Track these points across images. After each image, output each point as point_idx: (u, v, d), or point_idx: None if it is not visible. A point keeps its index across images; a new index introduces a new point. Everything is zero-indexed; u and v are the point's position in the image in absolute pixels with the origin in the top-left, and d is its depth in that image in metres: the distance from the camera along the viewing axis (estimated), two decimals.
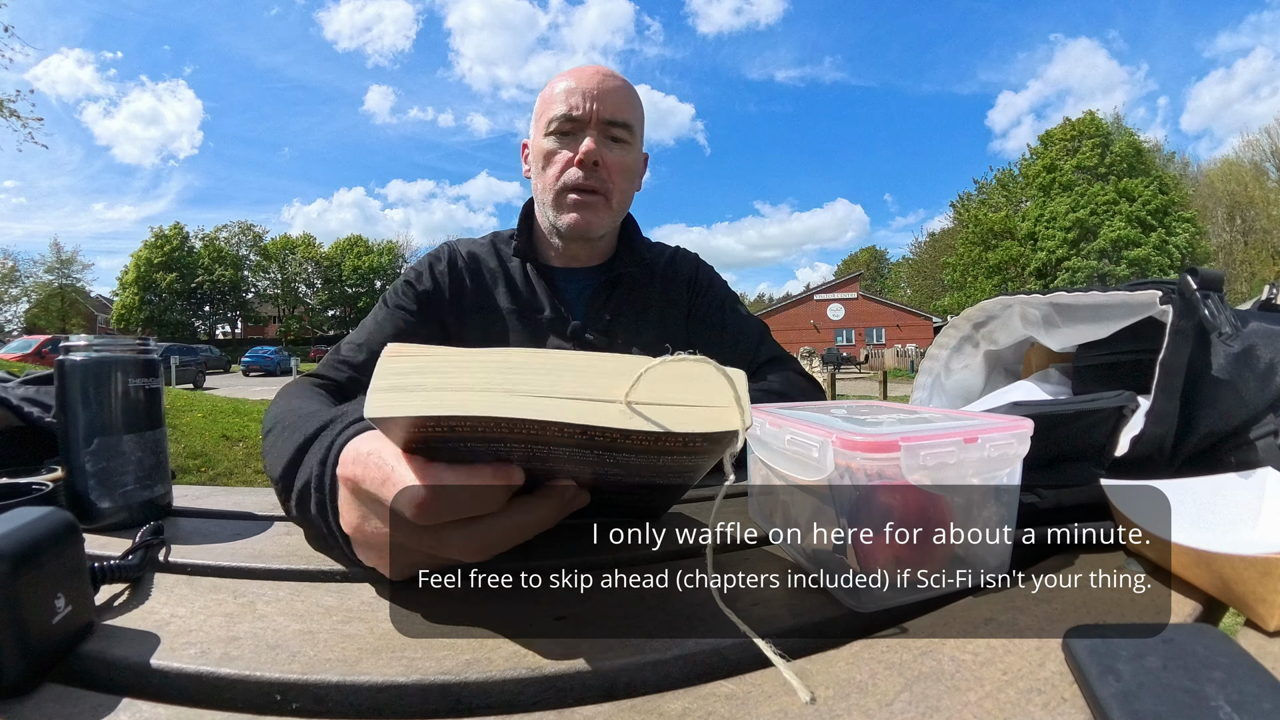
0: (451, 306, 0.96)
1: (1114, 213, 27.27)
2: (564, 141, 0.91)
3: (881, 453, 0.36)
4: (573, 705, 0.29)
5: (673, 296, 1.03)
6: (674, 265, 1.06)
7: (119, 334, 17.93)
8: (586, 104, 0.90)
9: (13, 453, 0.69)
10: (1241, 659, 0.28)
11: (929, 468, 0.38)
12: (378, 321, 0.94)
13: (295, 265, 43.12)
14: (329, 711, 0.30)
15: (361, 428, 0.40)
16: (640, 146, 0.99)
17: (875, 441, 0.36)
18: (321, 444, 0.43)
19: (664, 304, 1.02)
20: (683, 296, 1.04)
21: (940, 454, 0.38)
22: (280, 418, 0.56)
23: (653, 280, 1.03)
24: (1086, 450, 0.52)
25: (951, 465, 0.38)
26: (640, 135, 0.98)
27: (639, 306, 1.00)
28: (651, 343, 0.98)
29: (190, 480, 4.40)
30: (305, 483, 0.43)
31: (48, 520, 0.33)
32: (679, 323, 1.03)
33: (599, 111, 0.90)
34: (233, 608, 0.38)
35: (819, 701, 0.28)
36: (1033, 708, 0.28)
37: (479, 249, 1.01)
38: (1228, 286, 0.52)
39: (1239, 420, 0.53)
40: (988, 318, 0.79)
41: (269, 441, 0.54)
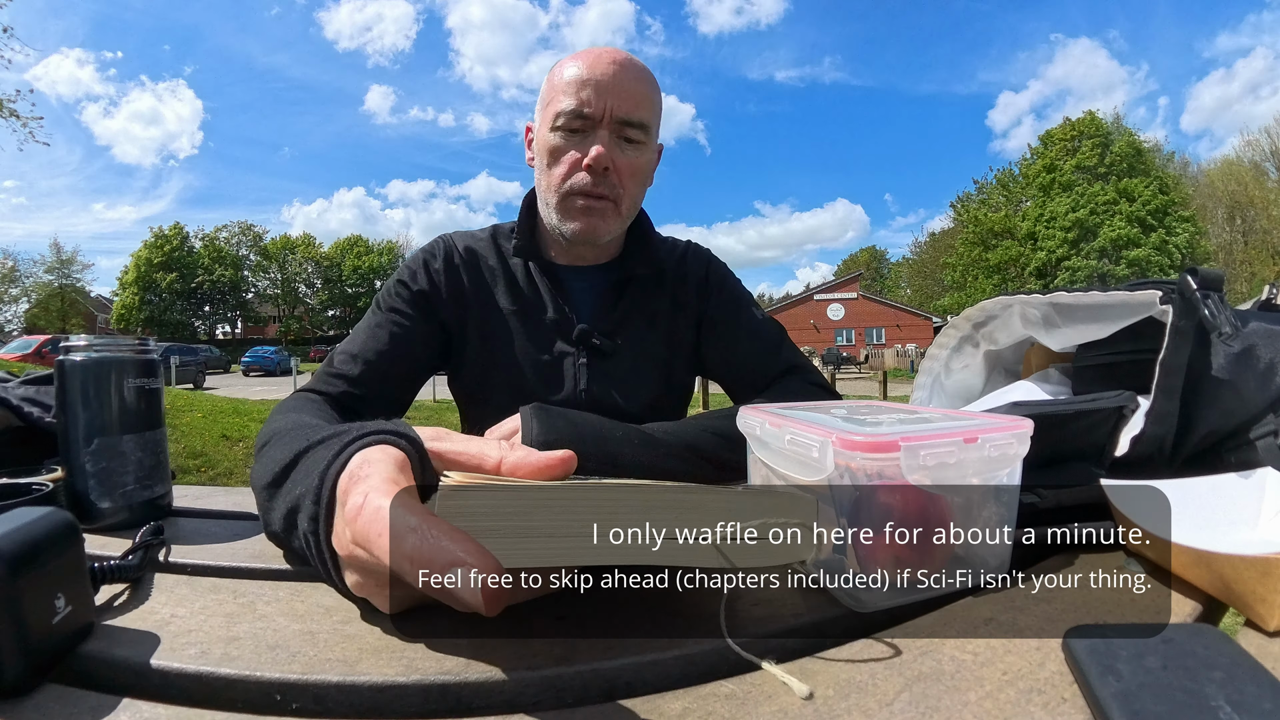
0: (449, 306, 0.89)
1: (1114, 213, 27.28)
2: (572, 140, 0.83)
3: (882, 453, 0.36)
4: (573, 705, 0.29)
5: (682, 300, 0.96)
6: (684, 265, 0.98)
7: (119, 334, 17.93)
8: (600, 100, 0.81)
9: (13, 453, 0.69)
10: (1241, 659, 0.28)
11: (929, 468, 0.38)
12: (371, 328, 0.86)
13: (295, 265, 43.13)
14: (329, 711, 0.30)
15: (371, 440, 0.38)
16: (655, 142, 0.90)
17: (875, 442, 0.36)
18: (326, 452, 0.39)
19: (673, 308, 0.96)
20: (692, 300, 0.96)
21: (940, 454, 0.38)
22: (276, 430, 0.52)
23: (663, 282, 0.96)
24: (1086, 450, 0.52)
25: (952, 465, 0.38)
26: (656, 131, 0.89)
27: (648, 311, 0.94)
28: (658, 349, 0.93)
29: (190, 480, 4.40)
30: (299, 494, 0.39)
31: (48, 520, 0.33)
32: (689, 329, 0.96)
33: (613, 109, 0.81)
34: (233, 608, 0.38)
35: (819, 701, 0.28)
36: (1033, 708, 0.28)
37: (477, 244, 0.93)
38: (1228, 286, 0.52)
39: (1239, 420, 0.53)
40: (988, 318, 0.79)
41: (262, 454, 0.50)
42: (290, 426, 0.53)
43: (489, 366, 0.90)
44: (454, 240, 0.94)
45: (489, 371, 0.90)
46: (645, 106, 0.84)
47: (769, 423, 0.48)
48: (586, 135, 0.82)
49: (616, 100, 0.81)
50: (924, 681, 0.30)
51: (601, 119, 0.82)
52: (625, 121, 0.82)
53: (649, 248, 0.95)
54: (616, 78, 0.82)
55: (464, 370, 0.92)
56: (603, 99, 0.81)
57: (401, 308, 0.88)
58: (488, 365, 0.90)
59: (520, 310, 0.90)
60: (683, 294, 0.96)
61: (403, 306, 0.88)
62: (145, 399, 0.56)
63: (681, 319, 0.96)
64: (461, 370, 0.92)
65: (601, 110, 0.81)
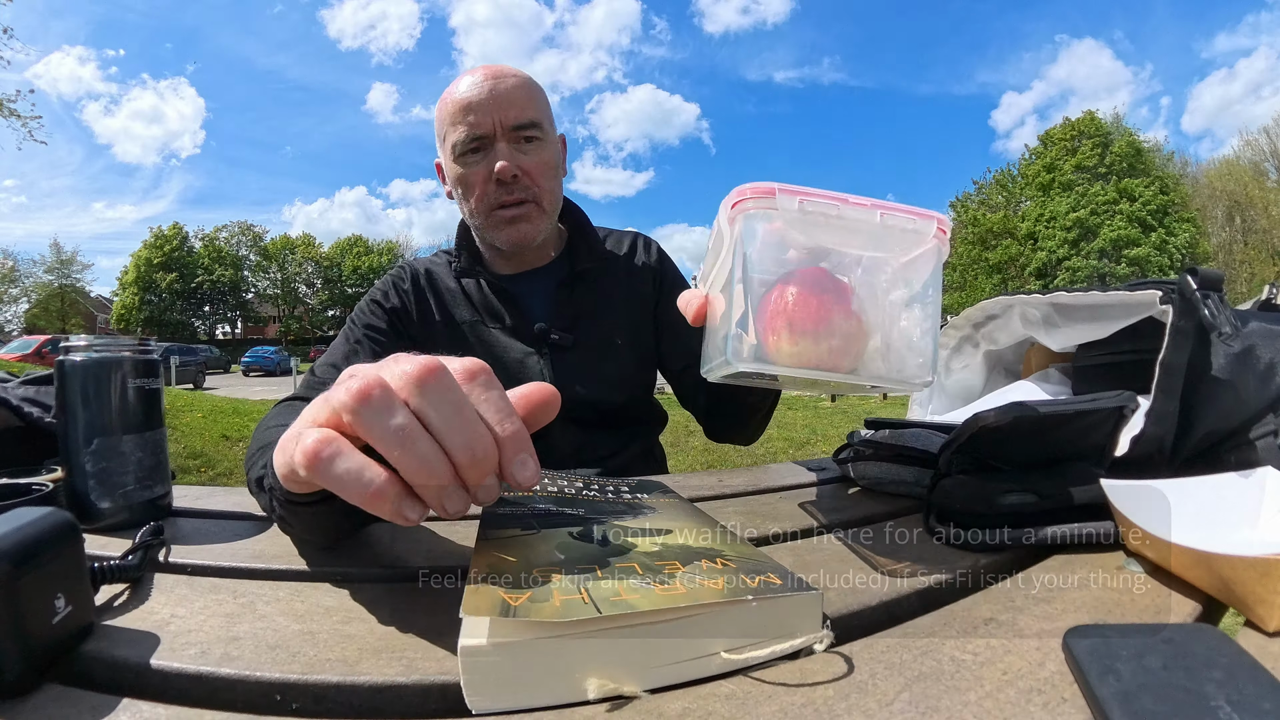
0: (419, 324, 0.95)
1: (1114, 213, 27.28)
2: (475, 162, 0.87)
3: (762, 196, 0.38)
4: (572, 705, 0.29)
5: (637, 286, 1.01)
6: (635, 253, 1.04)
7: (119, 334, 17.92)
8: (486, 118, 0.85)
9: (13, 453, 0.69)
10: (1241, 659, 0.28)
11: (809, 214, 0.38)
12: (350, 344, 0.91)
13: (295, 265, 43.14)
14: (329, 711, 0.30)
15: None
16: (554, 134, 0.94)
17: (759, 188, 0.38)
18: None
19: (628, 295, 1.00)
20: (649, 287, 1.02)
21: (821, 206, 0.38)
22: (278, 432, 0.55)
23: (615, 271, 1.01)
24: (1086, 450, 0.52)
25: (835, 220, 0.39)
26: (552, 124, 0.93)
27: (602, 301, 0.98)
28: (617, 334, 0.96)
29: (190, 480, 4.40)
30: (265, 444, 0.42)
31: (48, 520, 0.33)
32: (645, 315, 1.01)
33: (501, 121, 0.85)
34: (233, 608, 0.38)
35: (819, 701, 0.28)
36: (1033, 708, 0.28)
37: (435, 266, 1.00)
38: (1227, 286, 0.52)
39: (1239, 420, 0.53)
40: (988, 318, 0.79)
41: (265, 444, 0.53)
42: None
43: None
44: (417, 264, 1.01)
45: None
46: (530, 106, 0.88)
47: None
48: (486, 153, 0.87)
49: (501, 112, 0.85)
50: (924, 681, 0.30)
51: (494, 134, 0.86)
52: (516, 127, 0.86)
53: (590, 241, 1.00)
54: (494, 92, 0.85)
55: None
56: (488, 115, 0.85)
57: (376, 324, 0.93)
58: None
59: (480, 321, 0.95)
60: (637, 280, 1.01)
61: (377, 323, 0.93)
62: (145, 399, 0.56)
63: (637, 303, 1.01)
64: None
65: (490, 126, 0.85)
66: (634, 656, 0.29)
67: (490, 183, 0.86)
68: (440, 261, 1.00)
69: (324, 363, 0.89)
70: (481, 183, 0.87)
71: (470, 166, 0.87)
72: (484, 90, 0.85)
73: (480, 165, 0.86)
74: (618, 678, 0.29)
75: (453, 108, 0.86)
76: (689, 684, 0.30)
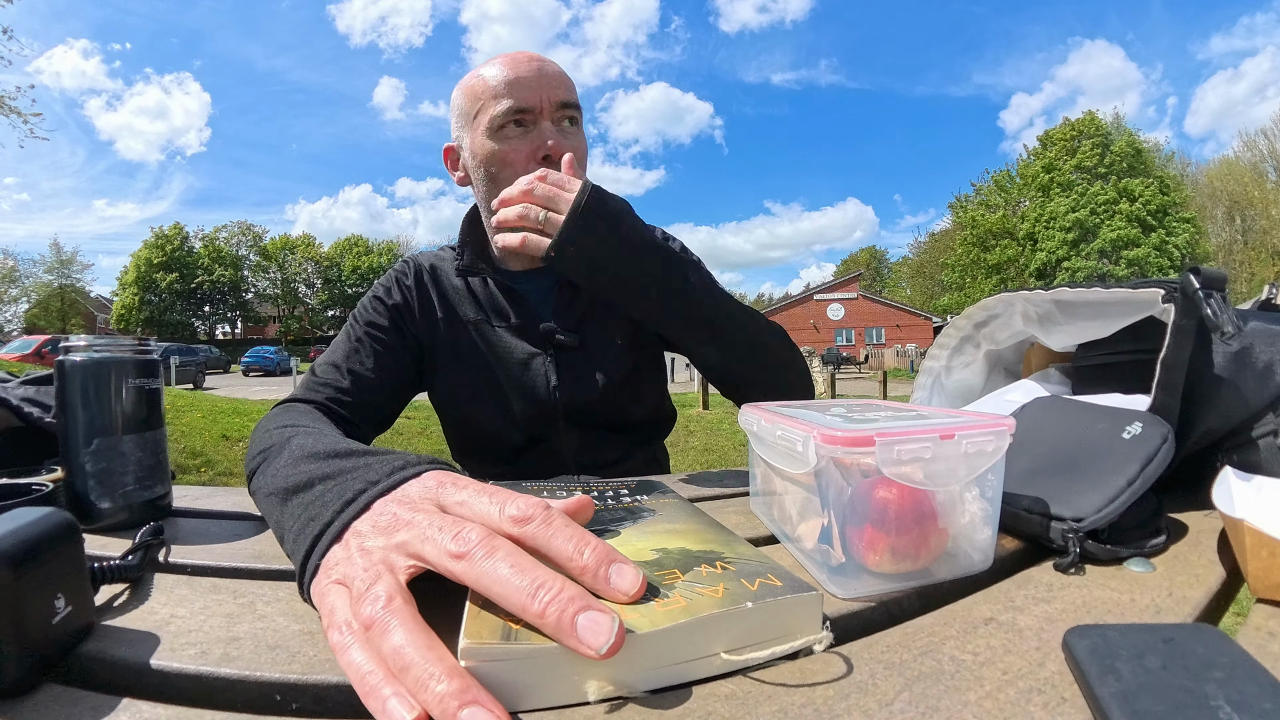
0: (421, 322, 0.93)
1: (1114, 213, 27.28)
2: (517, 136, 0.81)
3: (859, 447, 0.38)
4: (572, 705, 0.29)
5: None
6: None
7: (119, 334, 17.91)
8: (536, 92, 0.81)
9: (13, 453, 0.69)
10: (1241, 659, 0.28)
11: (904, 462, 0.38)
12: (351, 342, 0.89)
13: (295, 265, 43.14)
14: (329, 711, 0.30)
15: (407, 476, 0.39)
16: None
17: (853, 436, 0.38)
18: (382, 467, 0.41)
19: None
20: None
21: (915, 449, 0.38)
22: (286, 433, 0.55)
23: None
24: None
25: (927, 460, 0.39)
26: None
27: (606, 301, 0.94)
28: (621, 334, 0.94)
29: (190, 480, 4.40)
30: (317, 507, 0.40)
31: (48, 521, 0.33)
32: None
33: (551, 97, 0.81)
34: (233, 608, 0.38)
35: (819, 701, 0.28)
36: (1033, 708, 0.28)
37: (440, 262, 0.97)
38: (1228, 286, 0.52)
39: (1238, 419, 0.53)
40: (990, 316, 0.79)
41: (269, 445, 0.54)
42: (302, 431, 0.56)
43: (463, 377, 0.93)
44: (421, 260, 0.98)
45: (464, 381, 0.93)
46: (574, 90, 0.85)
47: (764, 419, 0.49)
48: (529, 130, 0.82)
49: (549, 90, 0.82)
50: (924, 681, 0.30)
51: (541, 109, 0.81)
52: (565, 104, 0.83)
53: None
54: (543, 70, 0.82)
55: (440, 382, 0.95)
56: (536, 91, 0.81)
57: (379, 321, 0.91)
58: (462, 375, 0.93)
59: (485, 320, 0.93)
60: None
61: (380, 320, 0.91)
62: (145, 399, 0.56)
63: None
64: (437, 382, 0.95)
65: (539, 101, 0.81)
66: (634, 660, 0.29)
67: (533, 162, 0.81)
68: (446, 257, 0.98)
69: (325, 361, 0.87)
70: (524, 161, 0.81)
71: (508, 142, 0.81)
72: (532, 68, 0.82)
73: (522, 142, 0.81)
74: (618, 680, 0.29)
75: (494, 82, 0.81)
76: (689, 684, 0.30)
